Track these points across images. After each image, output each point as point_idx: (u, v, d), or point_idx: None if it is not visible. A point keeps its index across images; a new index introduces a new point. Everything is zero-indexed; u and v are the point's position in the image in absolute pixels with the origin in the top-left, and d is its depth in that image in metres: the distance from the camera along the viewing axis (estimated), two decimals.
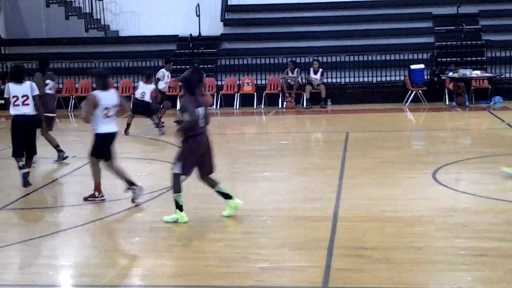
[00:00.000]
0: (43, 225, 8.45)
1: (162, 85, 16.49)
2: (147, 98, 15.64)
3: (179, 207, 7.99)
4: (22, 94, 10.28)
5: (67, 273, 6.73)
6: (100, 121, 8.90)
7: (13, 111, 10.28)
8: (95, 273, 6.58)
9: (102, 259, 7.04)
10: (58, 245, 7.63)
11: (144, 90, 15.69)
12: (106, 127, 8.97)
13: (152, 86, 15.81)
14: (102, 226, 8.13)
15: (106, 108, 8.89)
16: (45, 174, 11.49)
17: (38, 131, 11.10)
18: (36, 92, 10.48)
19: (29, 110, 10.33)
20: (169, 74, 16.76)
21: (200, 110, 8.01)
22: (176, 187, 7.99)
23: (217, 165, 8.39)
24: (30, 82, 10.58)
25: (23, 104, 10.28)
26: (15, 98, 10.26)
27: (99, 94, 8.93)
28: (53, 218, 8.90)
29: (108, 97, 8.96)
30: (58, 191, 10.59)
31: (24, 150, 10.35)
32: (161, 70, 16.80)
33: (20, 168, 10.18)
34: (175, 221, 7.96)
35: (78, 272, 6.70)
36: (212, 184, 8.28)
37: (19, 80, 10.38)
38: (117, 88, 21.27)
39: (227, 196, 8.24)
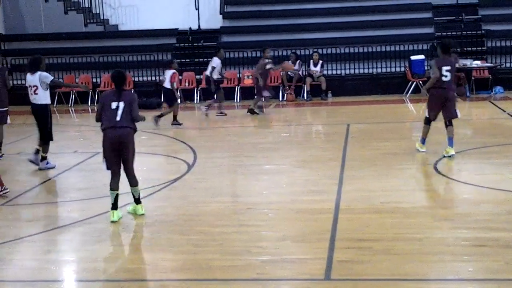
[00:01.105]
0: (45, 220, 8.47)
1: (216, 75, 16.64)
2: (167, 84, 15.63)
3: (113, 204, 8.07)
4: (33, 84, 10.98)
5: (70, 268, 6.76)
6: None
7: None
8: (97, 268, 6.60)
9: (104, 253, 7.06)
10: (60, 240, 7.65)
11: (165, 76, 15.77)
12: None
13: (170, 71, 15.63)
14: (103, 220, 8.14)
15: None
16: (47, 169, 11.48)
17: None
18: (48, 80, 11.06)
19: (37, 99, 11.04)
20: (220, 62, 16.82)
21: (118, 104, 8.03)
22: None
23: (219, 158, 8.39)
24: (39, 72, 11.01)
25: (34, 93, 11.00)
26: (28, 88, 11.06)
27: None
28: (55, 213, 8.92)
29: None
30: (59, 186, 10.60)
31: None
32: (214, 58, 16.79)
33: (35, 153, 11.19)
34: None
35: (80, 267, 6.71)
36: (131, 182, 8.21)
37: (31, 71, 11.08)
38: None
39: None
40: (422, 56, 19.63)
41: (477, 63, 19.29)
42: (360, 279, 5.96)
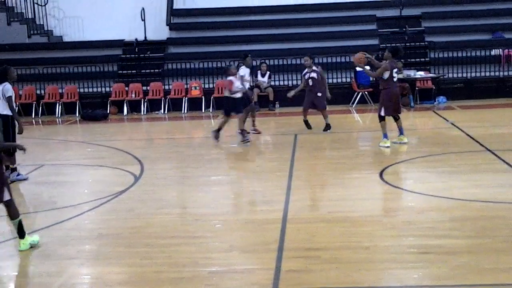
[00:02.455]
0: None
1: (247, 85, 14.85)
2: (226, 92, 14.12)
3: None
4: None
5: (14, 284, 6.59)
6: None
7: None
8: (42, 282, 6.46)
9: (49, 267, 6.91)
10: (4, 255, 7.47)
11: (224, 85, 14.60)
12: None
13: (228, 79, 13.92)
14: (49, 234, 7.98)
15: None
16: None
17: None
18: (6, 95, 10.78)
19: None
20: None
21: None
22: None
23: (166, 169, 8.33)
24: (4, 84, 10.80)
25: None
26: None
27: None
28: None
29: None
30: None
31: None
32: (242, 67, 14.80)
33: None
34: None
35: (25, 282, 6.56)
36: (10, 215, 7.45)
37: None
38: (61, 94, 21.02)
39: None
40: (367, 67, 19.86)
41: (420, 73, 19.68)
42: None
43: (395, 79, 12.63)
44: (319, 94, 14.98)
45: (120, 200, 9.56)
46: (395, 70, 12.66)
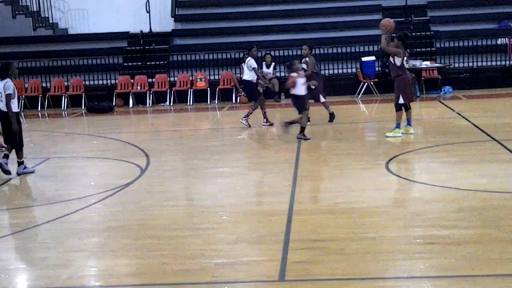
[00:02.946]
0: None
1: (253, 75, 14.97)
2: (293, 90, 13.31)
3: None
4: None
5: (22, 276, 6.62)
6: None
7: None
8: (50, 275, 6.48)
9: (57, 260, 6.93)
10: (12, 247, 7.49)
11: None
12: None
13: (293, 75, 13.12)
14: (55, 227, 8.01)
15: None
16: None
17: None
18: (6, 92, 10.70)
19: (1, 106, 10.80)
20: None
21: None
22: None
23: (172, 161, 8.33)
24: (6, 80, 10.73)
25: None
26: None
27: None
28: (6, 220, 8.74)
29: None
30: (7, 193, 10.39)
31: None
32: (249, 58, 15.06)
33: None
34: None
35: (33, 275, 6.59)
36: None
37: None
38: (67, 87, 21.06)
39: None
40: (373, 58, 19.87)
41: (426, 63, 19.61)
42: (315, 279, 5.97)
43: (406, 66, 12.43)
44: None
45: (127, 193, 9.58)
46: (405, 58, 12.54)
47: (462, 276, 5.87)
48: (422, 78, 19.72)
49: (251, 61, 14.90)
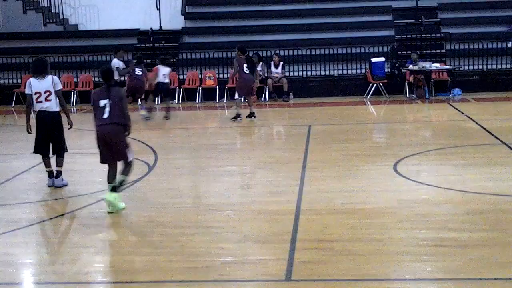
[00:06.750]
0: (2, 222, 8.31)
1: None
2: (168, 80, 16.90)
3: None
4: (45, 90, 9.74)
5: (28, 271, 6.65)
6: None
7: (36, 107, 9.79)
8: (56, 270, 6.51)
9: (63, 256, 6.96)
10: (18, 242, 7.52)
11: (165, 72, 16.66)
12: None
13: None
14: (63, 222, 8.03)
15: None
16: (2, 170, 11.29)
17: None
18: (59, 87, 9.96)
19: (50, 106, 9.74)
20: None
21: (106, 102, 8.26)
22: None
23: (180, 159, 8.35)
24: (52, 76, 10.05)
25: (46, 100, 9.71)
26: (37, 94, 9.71)
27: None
28: (12, 215, 8.76)
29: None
30: (17, 188, 10.42)
31: (47, 147, 9.97)
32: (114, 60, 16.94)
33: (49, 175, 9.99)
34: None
35: (39, 270, 6.61)
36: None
37: (41, 74, 9.86)
38: (76, 83, 21.10)
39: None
40: (382, 59, 19.84)
41: (436, 65, 19.55)
42: (321, 279, 5.97)
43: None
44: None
45: (134, 190, 9.59)
46: None
47: (469, 279, 5.87)
48: (432, 80, 19.66)
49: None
